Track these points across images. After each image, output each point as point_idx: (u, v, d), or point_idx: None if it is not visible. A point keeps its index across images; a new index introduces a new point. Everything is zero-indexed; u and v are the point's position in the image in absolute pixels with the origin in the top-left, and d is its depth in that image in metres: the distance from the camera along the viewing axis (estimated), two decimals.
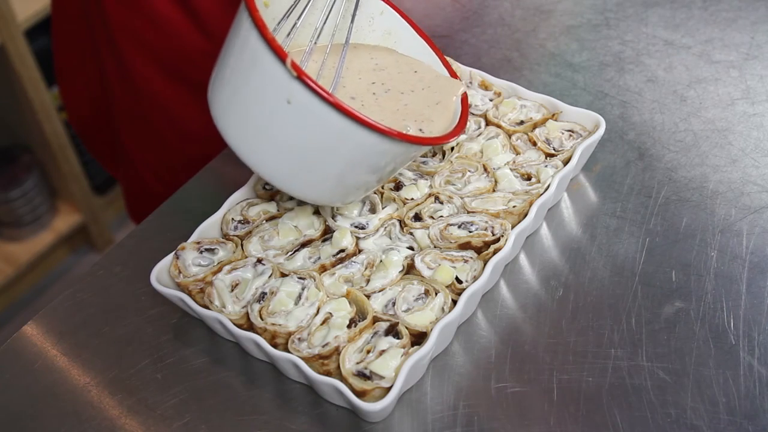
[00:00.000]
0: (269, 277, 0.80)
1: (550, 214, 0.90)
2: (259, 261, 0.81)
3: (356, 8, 0.82)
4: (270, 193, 0.89)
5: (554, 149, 0.90)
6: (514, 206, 0.84)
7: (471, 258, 0.81)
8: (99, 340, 0.83)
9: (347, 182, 0.75)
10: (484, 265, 0.79)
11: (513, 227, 0.82)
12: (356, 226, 0.84)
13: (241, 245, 0.84)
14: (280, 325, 0.76)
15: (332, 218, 0.85)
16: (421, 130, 0.77)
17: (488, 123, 0.94)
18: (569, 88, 1.04)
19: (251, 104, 0.70)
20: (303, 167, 0.73)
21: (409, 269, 0.81)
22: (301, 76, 0.65)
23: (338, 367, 0.73)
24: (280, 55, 0.66)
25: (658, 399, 0.73)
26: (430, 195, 0.87)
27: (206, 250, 0.84)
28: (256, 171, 0.75)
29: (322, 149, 0.71)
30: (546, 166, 0.88)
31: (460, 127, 0.79)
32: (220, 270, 0.81)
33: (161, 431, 0.75)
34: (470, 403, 0.75)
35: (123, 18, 1.16)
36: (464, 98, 0.82)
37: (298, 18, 0.78)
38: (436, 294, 0.77)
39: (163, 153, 1.31)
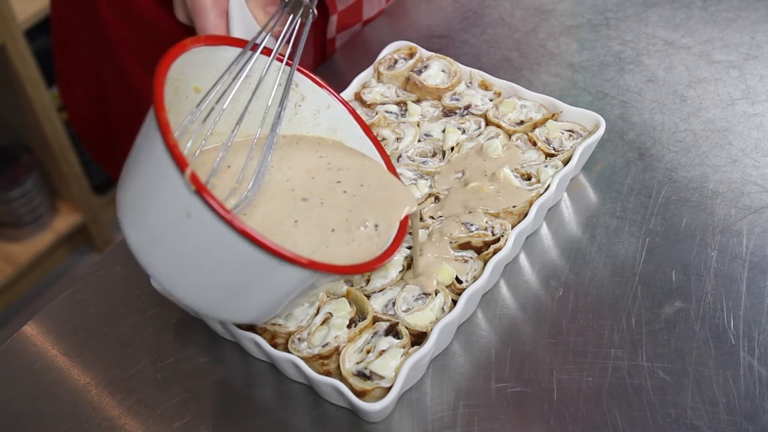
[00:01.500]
0: None
1: (550, 214, 0.90)
2: None
3: (285, 96, 0.73)
4: None
5: (554, 149, 0.90)
6: (514, 206, 0.84)
7: (471, 258, 0.81)
8: (99, 340, 0.83)
9: (254, 302, 0.66)
10: (484, 265, 0.79)
11: (513, 227, 0.82)
12: None
13: None
14: (280, 325, 0.76)
15: None
16: (351, 242, 0.68)
17: (488, 123, 0.94)
18: (569, 88, 1.04)
19: (152, 210, 0.63)
20: (202, 282, 0.64)
21: (409, 269, 0.81)
22: (200, 192, 0.57)
23: (338, 367, 0.73)
24: (179, 164, 0.57)
25: (658, 399, 0.73)
26: (430, 195, 0.87)
27: None
28: (157, 282, 0.67)
29: (223, 270, 0.62)
30: (546, 166, 0.88)
31: (389, 252, 0.69)
32: None
33: (161, 431, 0.75)
34: (470, 403, 0.75)
35: (122, 30, 1.16)
36: (405, 219, 0.72)
37: (217, 104, 0.69)
38: (436, 294, 0.77)
39: None
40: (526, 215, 0.84)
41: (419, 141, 0.93)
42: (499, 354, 0.78)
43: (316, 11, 0.74)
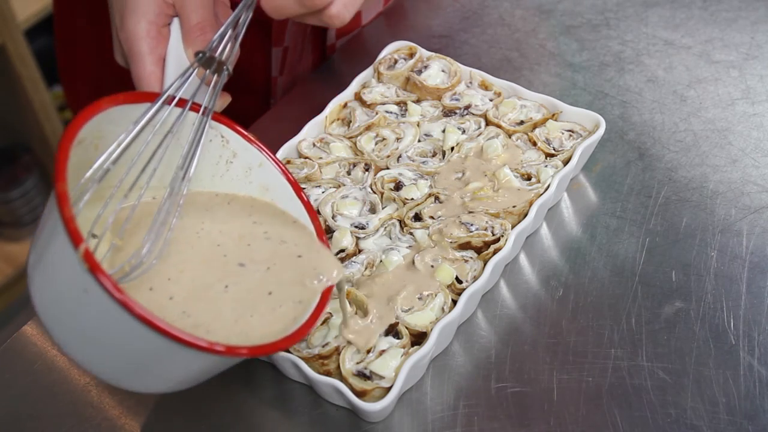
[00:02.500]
0: None
1: (550, 214, 0.90)
2: None
3: (194, 148, 0.69)
4: None
5: (554, 149, 0.90)
6: (514, 206, 0.84)
7: (471, 258, 0.81)
8: None
9: (159, 379, 0.64)
10: (484, 265, 0.79)
11: (513, 227, 0.82)
12: (356, 226, 0.84)
13: None
14: None
15: (332, 218, 0.85)
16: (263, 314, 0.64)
17: (488, 123, 0.94)
18: (569, 88, 1.04)
19: (55, 279, 0.60)
20: (104, 356, 0.62)
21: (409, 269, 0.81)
22: (93, 271, 0.55)
23: (338, 367, 0.73)
24: (74, 240, 0.55)
25: (658, 399, 0.73)
26: (430, 195, 0.87)
27: None
28: (60, 348, 0.63)
29: (123, 347, 0.60)
30: (546, 166, 0.88)
31: (306, 327, 0.64)
32: None
33: (161, 431, 0.75)
34: (470, 403, 0.75)
35: None
36: (326, 292, 0.67)
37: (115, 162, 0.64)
38: (436, 294, 0.77)
39: None
40: (526, 215, 0.84)
41: (419, 141, 0.93)
42: (499, 354, 0.78)
43: (230, 69, 0.72)
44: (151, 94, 0.69)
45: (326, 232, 0.85)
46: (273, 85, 1.15)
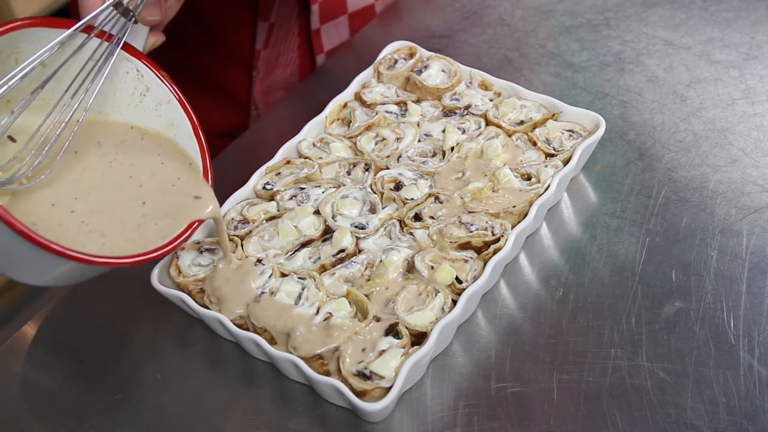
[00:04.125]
0: (269, 277, 0.80)
1: (550, 214, 0.90)
2: (259, 261, 0.81)
3: (99, 74, 0.77)
4: (270, 193, 0.89)
5: (554, 149, 0.90)
6: (514, 206, 0.84)
7: (471, 258, 0.81)
8: (99, 340, 0.83)
9: (33, 272, 0.73)
10: (484, 265, 0.79)
11: (513, 227, 0.82)
12: (356, 226, 0.84)
13: (242, 245, 0.84)
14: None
15: (332, 218, 0.85)
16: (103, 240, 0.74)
17: (488, 123, 0.94)
18: (569, 88, 1.04)
19: None
20: None
21: (410, 269, 0.81)
22: None
23: (338, 367, 0.73)
24: None
25: (658, 399, 0.73)
26: (430, 195, 0.87)
27: (206, 250, 0.84)
28: None
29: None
30: (546, 166, 0.88)
31: (158, 251, 0.73)
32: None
33: (161, 431, 0.75)
34: (470, 403, 0.75)
35: None
36: (192, 225, 0.76)
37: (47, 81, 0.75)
38: (436, 294, 0.78)
39: None
40: (526, 215, 0.84)
41: (419, 141, 0.93)
42: (499, 354, 0.78)
43: (137, 18, 0.78)
44: (70, 21, 0.75)
45: (326, 233, 0.85)
46: (256, 58, 1.18)
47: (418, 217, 0.85)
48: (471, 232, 0.82)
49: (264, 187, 0.90)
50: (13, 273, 0.73)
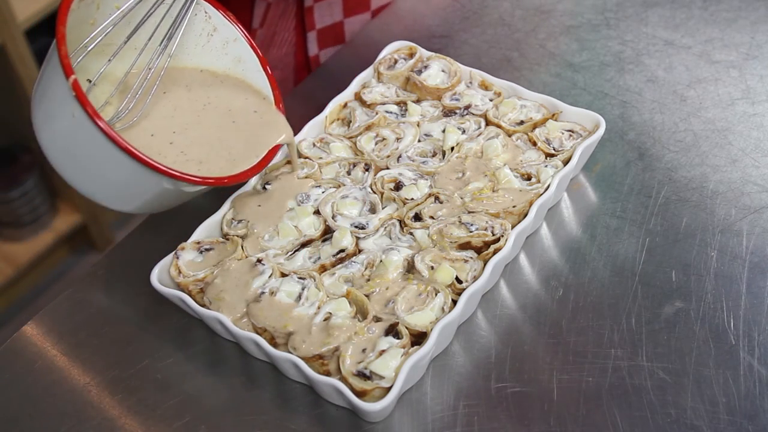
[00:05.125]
0: (269, 277, 0.80)
1: (550, 214, 0.90)
2: (259, 261, 0.81)
3: (180, 21, 0.85)
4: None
5: (554, 149, 0.90)
6: (514, 206, 0.84)
7: (471, 258, 0.81)
8: (99, 340, 0.83)
9: (134, 197, 0.80)
10: (484, 265, 0.79)
11: (513, 227, 0.82)
12: (356, 226, 0.84)
13: (242, 245, 0.84)
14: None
15: (332, 218, 0.85)
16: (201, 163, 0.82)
17: (488, 123, 0.94)
18: (569, 88, 1.04)
19: (50, 109, 0.76)
20: (90, 174, 0.79)
21: (410, 269, 0.81)
22: (78, 98, 0.71)
23: (338, 367, 0.73)
24: (66, 71, 0.72)
25: (658, 399, 0.73)
26: (430, 195, 0.87)
27: (206, 250, 0.84)
28: (57, 171, 0.81)
29: (103, 165, 0.76)
30: (546, 166, 0.88)
31: (246, 173, 0.82)
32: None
33: (161, 431, 0.75)
34: (470, 403, 0.75)
35: None
36: (274, 148, 0.85)
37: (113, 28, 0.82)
38: (436, 294, 0.78)
39: None
40: (526, 215, 0.84)
41: (419, 141, 0.93)
42: (499, 354, 0.78)
43: None
44: None
45: (326, 233, 0.85)
46: (252, 37, 1.18)
47: (418, 217, 0.85)
48: (471, 232, 0.82)
49: (264, 187, 0.90)
50: (108, 197, 0.81)
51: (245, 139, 0.85)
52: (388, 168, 0.90)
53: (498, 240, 0.81)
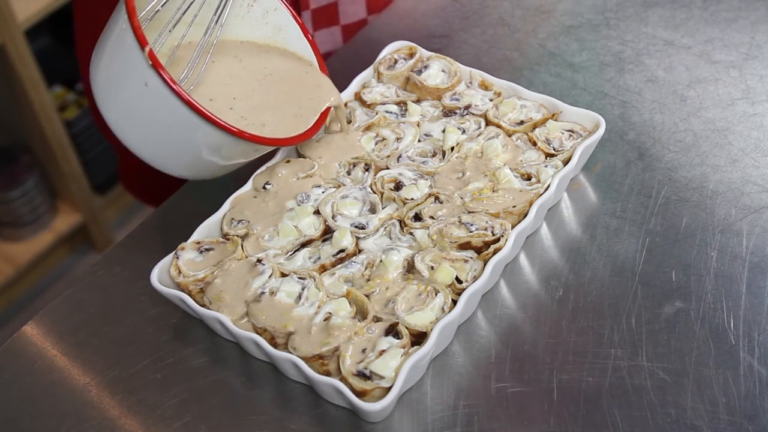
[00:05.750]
0: (269, 277, 0.80)
1: (550, 214, 0.90)
2: (259, 261, 0.81)
3: (224, 7, 0.89)
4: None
5: (554, 149, 0.90)
6: (514, 206, 0.84)
7: (471, 258, 0.81)
8: (99, 340, 0.83)
9: (197, 161, 0.84)
10: (484, 265, 0.79)
11: (513, 227, 0.82)
12: (356, 226, 0.84)
13: (242, 245, 0.84)
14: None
15: (332, 218, 0.85)
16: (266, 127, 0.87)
17: (488, 123, 0.94)
18: (569, 88, 1.04)
19: (118, 78, 0.80)
20: (158, 141, 0.82)
21: (410, 269, 0.81)
22: (155, 66, 0.75)
23: (338, 367, 0.73)
24: (140, 42, 0.76)
25: (658, 399, 0.73)
26: (430, 195, 0.87)
27: (206, 250, 0.84)
28: (122, 140, 0.83)
29: (172, 130, 0.80)
30: (546, 166, 0.88)
31: (306, 135, 0.87)
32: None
33: (161, 431, 0.75)
34: (470, 403, 0.75)
35: None
36: (327, 110, 0.90)
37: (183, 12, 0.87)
38: (436, 294, 0.78)
39: None
40: (526, 215, 0.84)
41: (419, 141, 0.93)
42: (499, 354, 0.78)
43: None
44: None
45: (326, 233, 0.85)
46: None
47: (418, 217, 0.85)
48: (471, 232, 0.82)
49: (264, 186, 0.90)
50: (167, 161, 0.84)
51: (299, 103, 0.90)
52: (388, 168, 0.90)
53: (498, 240, 0.81)
